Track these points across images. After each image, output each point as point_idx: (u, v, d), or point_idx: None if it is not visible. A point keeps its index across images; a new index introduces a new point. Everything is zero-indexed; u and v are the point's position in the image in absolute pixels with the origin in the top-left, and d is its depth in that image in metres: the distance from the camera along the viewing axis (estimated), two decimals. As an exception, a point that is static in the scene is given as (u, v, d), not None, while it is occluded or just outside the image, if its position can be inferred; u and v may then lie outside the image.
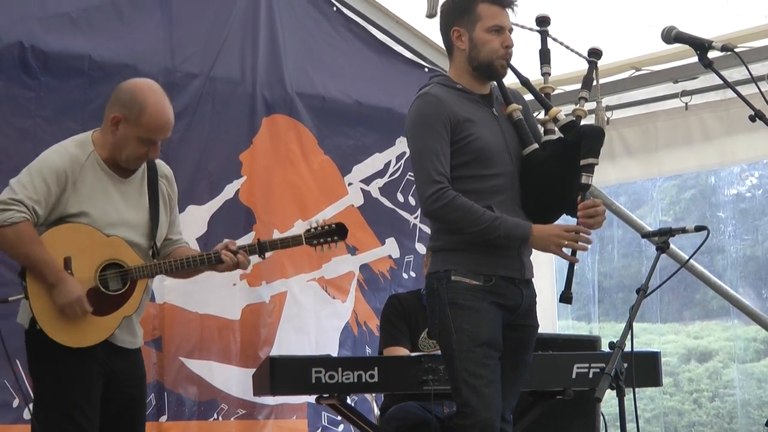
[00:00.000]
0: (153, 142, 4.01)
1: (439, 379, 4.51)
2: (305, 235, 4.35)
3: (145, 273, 4.04)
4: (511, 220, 3.85)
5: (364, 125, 6.31)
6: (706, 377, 10.30)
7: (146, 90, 4.04)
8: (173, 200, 4.31)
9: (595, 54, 4.20)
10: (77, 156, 4.01)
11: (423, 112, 3.93)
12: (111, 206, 4.03)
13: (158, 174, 4.23)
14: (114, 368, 4.04)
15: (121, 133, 3.99)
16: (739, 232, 9.21)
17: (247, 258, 4.23)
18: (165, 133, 4.05)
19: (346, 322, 6.19)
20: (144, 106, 3.96)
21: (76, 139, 4.11)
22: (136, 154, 4.02)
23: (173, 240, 4.30)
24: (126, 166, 4.06)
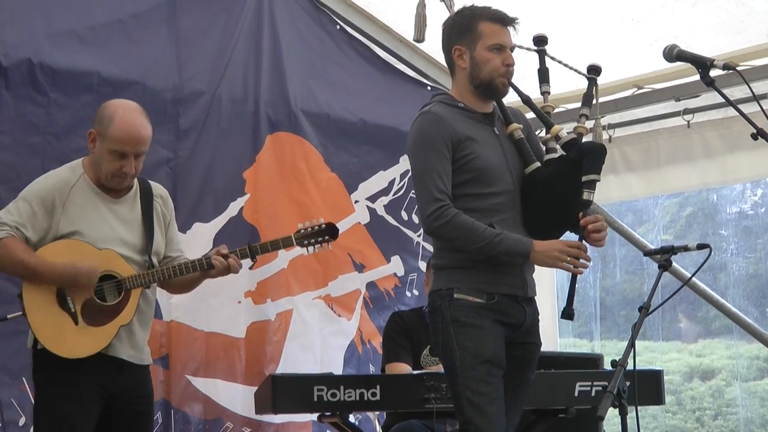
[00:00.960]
0: (123, 155, 4.06)
1: (442, 397, 4.51)
2: (295, 236, 4.36)
3: (138, 282, 4.09)
4: (512, 237, 3.85)
5: (368, 143, 6.33)
6: (709, 395, 10.29)
7: (118, 106, 4.15)
8: (169, 218, 4.37)
9: (595, 71, 4.20)
10: (66, 178, 4.13)
11: (424, 130, 3.94)
12: (104, 224, 4.11)
13: (153, 194, 4.32)
14: (118, 385, 4.08)
15: (98, 149, 4.11)
16: (741, 249, 9.22)
17: (238, 261, 4.25)
18: (133, 145, 4.08)
19: (351, 340, 6.18)
20: (112, 118, 4.07)
21: (68, 165, 4.25)
22: (112, 170, 4.08)
23: (172, 257, 4.35)
24: (108, 184, 4.14)
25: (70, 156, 4.73)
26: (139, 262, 4.16)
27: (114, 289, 4.07)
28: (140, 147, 4.11)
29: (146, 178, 4.41)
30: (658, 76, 6.15)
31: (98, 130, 4.10)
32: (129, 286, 4.08)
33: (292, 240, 4.35)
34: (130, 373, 4.13)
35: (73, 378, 3.98)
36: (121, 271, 4.09)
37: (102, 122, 4.09)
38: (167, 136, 5.44)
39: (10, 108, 4.89)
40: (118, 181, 4.14)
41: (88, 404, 4.02)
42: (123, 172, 4.09)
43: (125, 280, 4.08)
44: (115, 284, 4.07)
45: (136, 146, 4.09)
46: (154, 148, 5.28)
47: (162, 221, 4.32)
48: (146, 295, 4.20)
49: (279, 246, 4.36)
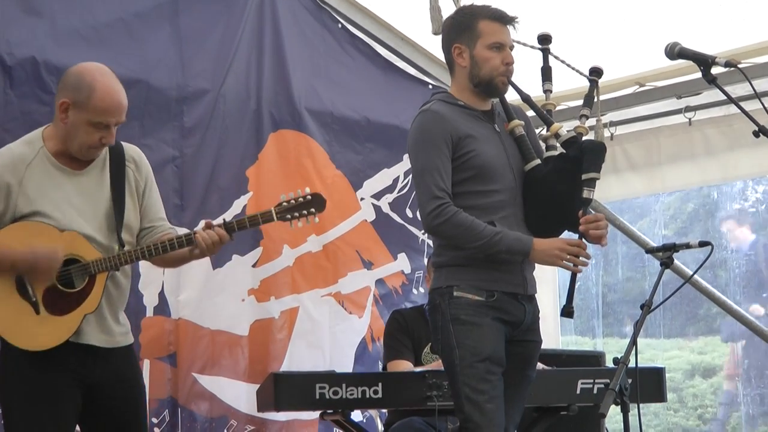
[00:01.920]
0: (105, 125, 3.77)
1: (443, 394, 4.51)
2: (276, 210, 3.91)
3: (104, 266, 3.77)
4: (512, 235, 3.85)
5: (372, 141, 6.33)
6: (711, 393, 10.28)
7: (94, 71, 3.81)
8: (143, 185, 4.01)
9: (596, 73, 4.21)
10: (22, 154, 3.81)
11: (424, 128, 3.94)
12: (64, 202, 3.80)
13: (125, 159, 3.97)
14: (93, 374, 3.83)
15: (71, 120, 3.77)
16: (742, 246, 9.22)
17: (223, 234, 3.85)
18: (117, 115, 3.78)
19: (362, 337, 6.18)
20: (93, 87, 3.73)
21: (25, 138, 3.92)
22: (89, 142, 3.78)
23: (154, 227, 4.01)
24: (80, 156, 3.84)
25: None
26: (105, 243, 3.83)
27: (82, 272, 3.76)
28: (122, 115, 3.81)
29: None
30: (659, 74, 6.15)
31: (74, 99, 3.75)
32: (94, 271, 3.76)
33: (272, 214, 3.90)
34: (107, 359, 3.85)
35: (44, 374, 3.73)
36: (85, 254, 3.77)
37: (79, 91, 3.74)
38: (172, 134, 5.44)
39: (14, 106, 4.87)
40: (93, 152, 3.84)
41: (64, 403, 3.78)
42: (102, 143, 3.80)
43: (90, 264, 3.76)
44: (83, 268, 3.76)
45: (120, 115, 3.80)
46: (160, 146, 5.32)
47: (135, 190, 3.97)
48: (115, 278, 3.87)
49: (258, 221, 3.92)
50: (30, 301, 3.76)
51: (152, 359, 5.28)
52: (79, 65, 3.89)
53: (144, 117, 5.24)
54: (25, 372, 3.76)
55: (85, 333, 3.80)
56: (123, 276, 3.94)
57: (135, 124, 5.06)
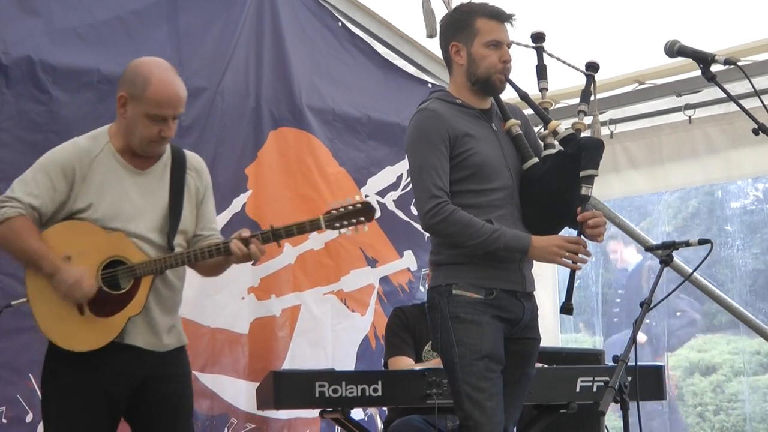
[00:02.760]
0: (162, 118, 3.77)
1: (443, 392, 4.52)
2: (324, 218, 3.86)
3: (149, 269, 3.78)
4: (510, 232, 3.85)
5: (374, 139, 6.34)
6: (711, 391, 10.27)
7: (151, 64, 3.85)
8: (202, 194, 4.04)
9: (593, 67, 4.20)
10: (88, 149, 3.84)
11: (422, 127, 3.94)
12: (124, 199, 3.82)
13: (186, 166, 3.99)
14: (138, 375, 3.82)
15: (130, 114, 3.79)
16: (747, 245, 9.20)
17: (260, 248, 3.85)
18: (174, 107, 3.79)
19: (365, 335, 6.18)
20: (148, 79, 3.76)
21: (91, 133, 3.94)
22: (148, 136, 3.79)
23: (204, 236, 4.03)
24: (141, 152, 3.85)
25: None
26: (158, 243, 3.85)
27: (129, 274, 3.77)
28: (180, 108, 3.82)
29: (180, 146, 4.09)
30: (659, 72, 6.15)
31: (131, 93, 3.77)
32: (139, 274, 3.77)
33: (320, 223, 3.87)
34: (151, 359, 3.84)
35: (85, 374, 3.73)
36: (131, 256, 3.77)
37: (135, 84, 3.76)
38: None
39: (11, 106, 4.88)
40: (155, 147, 3.84)
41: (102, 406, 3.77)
42: (161, 136, 3.79)
43: (135, 267, 3.77)
44: (128, 270, 3.77)
45: (177, 107, 3.80)
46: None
47: (194, 196, 3.99)
48: (166, 279, 3.88)
49: (306, 229, 3.90)
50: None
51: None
52: (137, 59, 3.92)
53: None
54: (67, 372, 3.77)
55: (132, 334, 3.80)
56: (175, 277, 3.94)
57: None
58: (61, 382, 3.79)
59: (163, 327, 3.89)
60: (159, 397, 3.88)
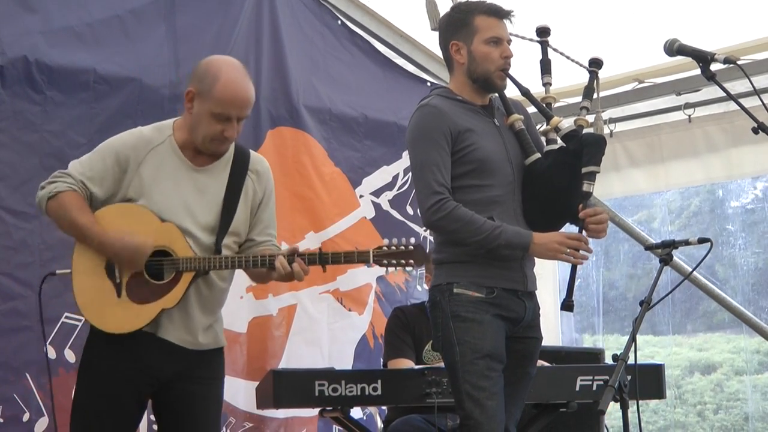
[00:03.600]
0: (227, 118, 3.74)
1: (443, 391, 4.51)
2: (374, 253, 3.81)
3: (192, 266, 3.74)
4: (512, 229, 3.85)
5: (370, 138, 6.34)
6: (710, 389, 10.28)
7: (221, 62, 3.83)
8: (261, 198, 3.99)
9: (596, 64, 4.20)
10: (150, 138, 3.83)
11: (423, 123, 3.94)
12: (177, 194, 3.80)
13: (248, 168, 3.95)
14: (167, 370, 3.80)
15: (196, 110, 3.77)
16: (749, 244, 9.20)
17: (305, 268, 3.83)
18: (240, 108, 3.75)
19: (363, 334, 6.18)
20: (217, 77, 3.73)
21: (158, 124, 3.93)
22: (211, 133, 3.76)
23: (257, 241, 3.98)
24: (204, 149, 3.82)
25: (68, 153, 4.68)
26: (205, 243, 3.81)
27: (172, 266, 3.74)
28: (246, 110, 3.78)
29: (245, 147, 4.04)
30: (658, 70, 6.15)
31: (198, 89, 3.75)
32: (182, 268, 3.73)
33: (369, 257, 3.81)
34: (184, 357, 3.81)
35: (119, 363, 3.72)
36: (179, 249, 3.74)
37: (204, 80, 3.74)
38: None
39: (6, 106, 4.86)
40: (216, 145, 3.81)
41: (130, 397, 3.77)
42: (224, 136, 3.76)
43: (179, 261, 3.73)
44: (173, 263, 3.74)
45: (243, 109, 3.77)
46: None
47: (251, 199, 3.94)
48: (209, 279, 3.84)
49: (353, 259, 3.85)
50: (114, 282, 3.75)
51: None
52: (210, 57, 3.91)
53: (137, 115, 5.20)
54: (103, 358, 3.76)
55: (166, 329, 3.79)
56: (219, 279, 3.91)
57: (128, 123, 5.04)
58: (94, 366, 3.79)
59: (199, 325, 3.86)
60: (184, 396, 3.85)
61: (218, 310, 3.98)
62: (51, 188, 3.74)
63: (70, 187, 3.74)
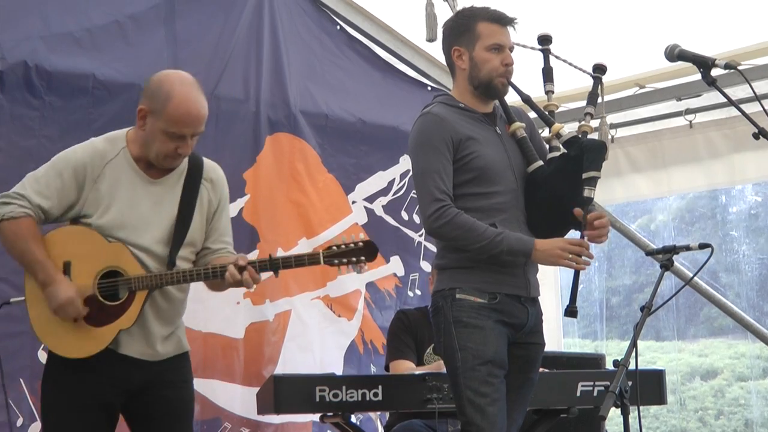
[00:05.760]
0: (180, 136, 3.73)
1: (444, 397, 4.51)
2: (324, 254, 3.86)
3: (144, 284, 3.74)
4: (514, 236, 3.85)
5: (367, 143, 6.31)
6: (711, 395, 10.28)
7: (174, 79, 3.79)
8: (216, 206, 3.99)
9: (600, 70, 4.21)
10: (104, 151, 3.81)
11: (425, 131, 3.94)
12: (133, 209, 3.78)
13: (202, 176, 3.94)
14: (135, 381, 3.81)
15: (149, 128, 3.75)
16: (754, 250, 9.20)
17: (255, 276, 3.83)
18: (194, 126, 3.75)
19: (352, 340, 6.17)
20: (170, 95, 3.70)
21: (110, 135, 3.91)
22: (165, 151, 3.75)
23: (213, 249, 3.98)
24: (158, 164, 3.81)
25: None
26: (161, 256, 3.80)
27: (126, 286, 3.74)
28: (200, 127, 3.78)
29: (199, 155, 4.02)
30: (659, 75, 6.14)
31: (151, 107, 3.73)
32: (134, 288, 3.74)
33: (319, 258, 3.86)
34: (148, 368, 3.83)
35: (82, 383, 3.74)
36: (129, 268, 3.74)
37: (156, 99, 3.71)
38: None
39: (5, 111, 4.85)
40: (170, 162, 3.80)
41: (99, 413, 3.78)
42: (178, 153, 3.75)
43: (131, 280, 3.73)
44: (127, 281, 3.74)
45: (196, 127, 3.76)
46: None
47: (207, 208, 3.94)
48: (166, 292, 3.84)
49: (304, 262, 3.88)
50: None
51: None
52: (162, 73, 3.88)
53: (135, 121, 5.21)
54: (65, 379, 3.76)
55: (126, 345, 3.79)
56: (177, 290, 3.91)
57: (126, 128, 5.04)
58: (58, 388, 3.78)
59: (158, 337, 3.86)
60: (159, 401, 3.87)
61: (178, 320, 3.99)
62: (5, 211, 3.71)
63: (26, 213, 3.71)
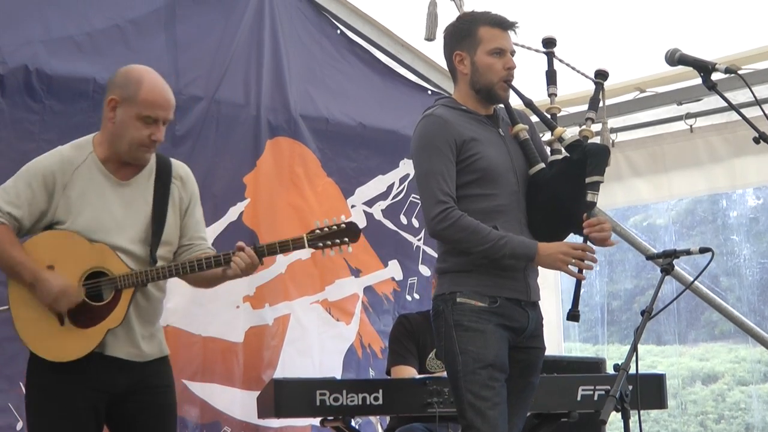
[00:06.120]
0: (155, 120, 3.79)
1: (444, 401, 4.51)
2: (308, 237, 3.88)
3: (130, 282, 3.76)
4: (517, 239, 3.84)
5: (367, 147, 6.32)
6: (712, 399, 10.27)
7: (140, 69, 3.90)
8: (187, 203, 4.02)
9: (602, 75, 4.21)
10: (71, 158, 3.83)
11: (428, 132, 3.94)
12: (105, 211, 3.81)
13: (171, 175, 3.98)
14: (119, 385, 3.82)
15: (120, 117, 3.79)
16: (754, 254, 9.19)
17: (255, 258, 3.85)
18: (167, 110, 3.83)
19: (350, 344, 6.17)
20: (140, 81, 3.79)
21: (75, 142, 3.93)
22: (139, 138, 3.78)
23: (193, 245, 4.01)
24: (130, 158, 3.84)
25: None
26: (140, 256, 3.83)
27: (111, 286, 3.76)
28: (170, 112, 3.85)
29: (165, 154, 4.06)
30: (659, 79, 6.14)
31: (122, 95, 3.78)
32: (120, 286, 3.76)
33: (303, 241, 3.87)
34: (134, 370, 3.84)
35: (67, 385, 3.74)
36: (114, 268, 3.76)
37: (127, 87, 3.78)
38: (163, 142, 5.40)
39: (5, 115, 4.87)
40: (144, 151, 3.83)
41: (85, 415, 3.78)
42: (152, 140, 3.80)
43: (117, 279, 3.75)
44: (111, 282, 3.76)
45: (168, 110, 3.83)
46: (150, 154, 5.29)
47: (179, 206, 3.97)
48: (146, 291, 3.86)
49: (289, 247, 3.92)
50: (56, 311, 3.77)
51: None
52: (126, 66, 3.96)
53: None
54: (49, 382, 3.77)
55: (112, 346, 3.80)
56: (156, 289, 3.93)
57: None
58: (44, 391, 3.78)
59: (141, 337, 3.88)
60: (142, 407, 3.88)
61: (157, 320, 4.01)
62: None
63: (0, 221, 3.74)
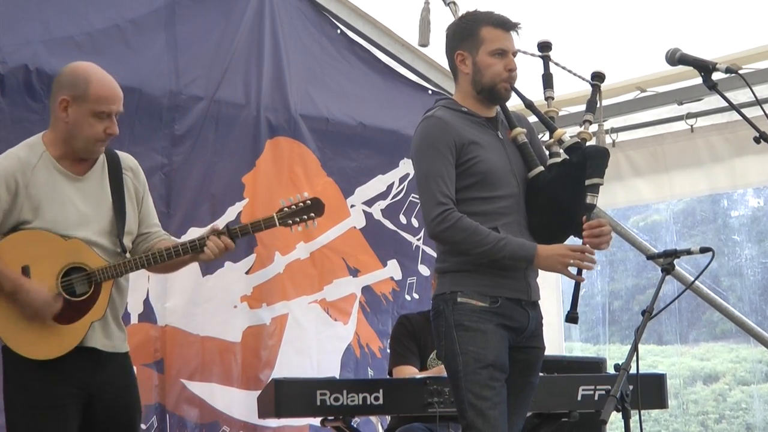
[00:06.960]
0: (108, 114, 3.83)
1: (445, 401, 4.51)
2: (278, 216, 4.03)
3: (109, 274, 3.82)
4: (516, 241, 3.84)
5: (367, 147, 6.32)
6: (712, 399, 10.27)
7: (85, 66, 3.93)
8: (142, 193, 4.09)
9: (599, 77, 4.21)
10: (27, 159, 3.84)
11: (428, 134, 3.94)
12: (69, 207, 3.84)
13: (122, 167, 4.02)
14: (94, 381, 3.84)
15: (73, 116, 3.82)
16: (756, 254, 9.20)
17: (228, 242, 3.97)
18: (118, 102, 3.87)
19: (348, 344, 6.17)
20: (88, 78, 3.83)
21: (26, 143, 3.94)
22: (94, 134, 3.82)
23: (150, 233, 4.08)
24: (85, 153, 3.88)
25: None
26: (108, 247, 3.88)
27: (84, 280, 3.80)
28: (121, 104, 3.89)
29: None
30: (660, 79, 6.13)
31: (73, 94, 3.82)
32: (99, 279, 3.81)
33: (274, 220, 4.03)
34: (106, 365, 3.88)
35: (46, 383, 3.76)
36: (90, 262, 3.81)
37: (76, 85, 3.82)
38: (162, 142, 5.43)
39: (5, 114, 4.88)
40: (100, 146, 3.88)
41: (66, 413, 3.80)
42: (107, 134, 3.84)
43: (95, 273, 3.81)
44: (84, 276, 3.80)
45: (119, 103, 3.88)
46: (149, 154, 5.29)
47: (134, 196, 4.04)
48: (118, 283, 3.92)
49: (260, 227, 4.05)
50: None
51: (138, 365, 5.21)
52: (69, 65, 3.98)
53: (134, 124, 5.23)
54: (28, 381, 3.78)
55: (90, 337, 3.83)
56: (125, 280, 3.99)
57: (125, 132, 5.04)
58: (22, 391, 3.79)
59: (115, 329, 3.93)
60: (111, 412, 3.90)
61: (122, 311, 4.03)
62: None
63: None
